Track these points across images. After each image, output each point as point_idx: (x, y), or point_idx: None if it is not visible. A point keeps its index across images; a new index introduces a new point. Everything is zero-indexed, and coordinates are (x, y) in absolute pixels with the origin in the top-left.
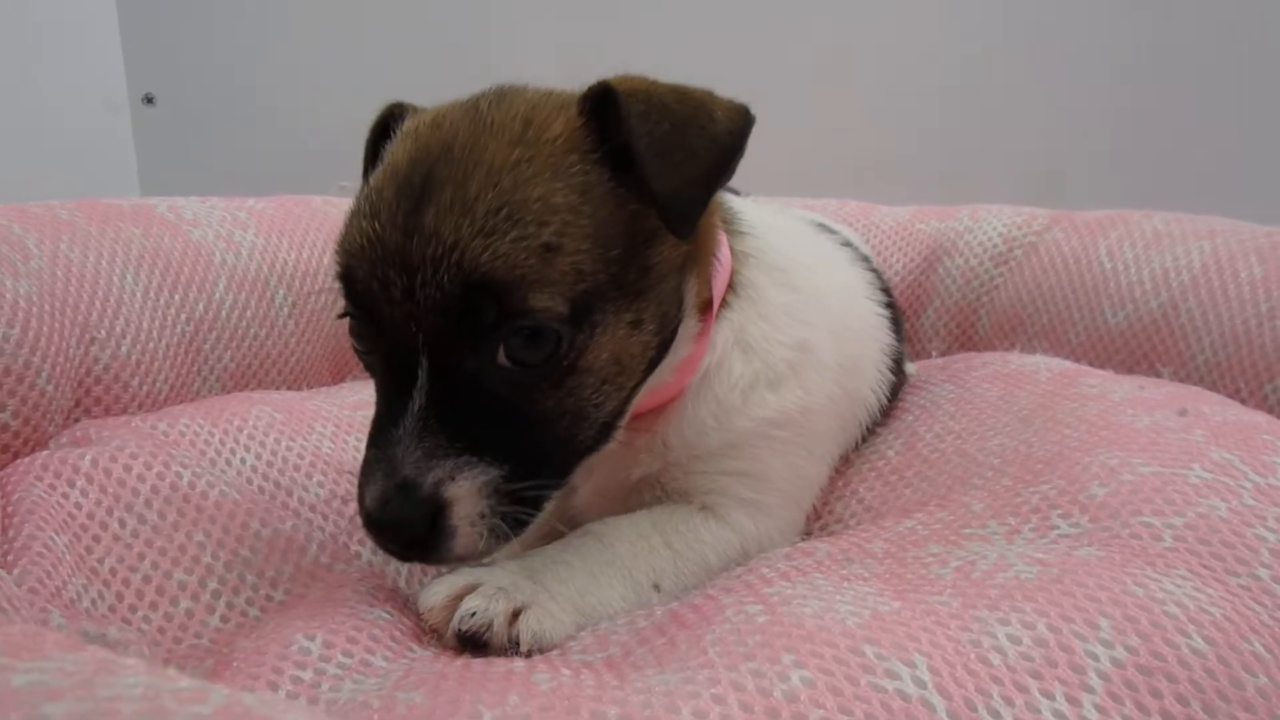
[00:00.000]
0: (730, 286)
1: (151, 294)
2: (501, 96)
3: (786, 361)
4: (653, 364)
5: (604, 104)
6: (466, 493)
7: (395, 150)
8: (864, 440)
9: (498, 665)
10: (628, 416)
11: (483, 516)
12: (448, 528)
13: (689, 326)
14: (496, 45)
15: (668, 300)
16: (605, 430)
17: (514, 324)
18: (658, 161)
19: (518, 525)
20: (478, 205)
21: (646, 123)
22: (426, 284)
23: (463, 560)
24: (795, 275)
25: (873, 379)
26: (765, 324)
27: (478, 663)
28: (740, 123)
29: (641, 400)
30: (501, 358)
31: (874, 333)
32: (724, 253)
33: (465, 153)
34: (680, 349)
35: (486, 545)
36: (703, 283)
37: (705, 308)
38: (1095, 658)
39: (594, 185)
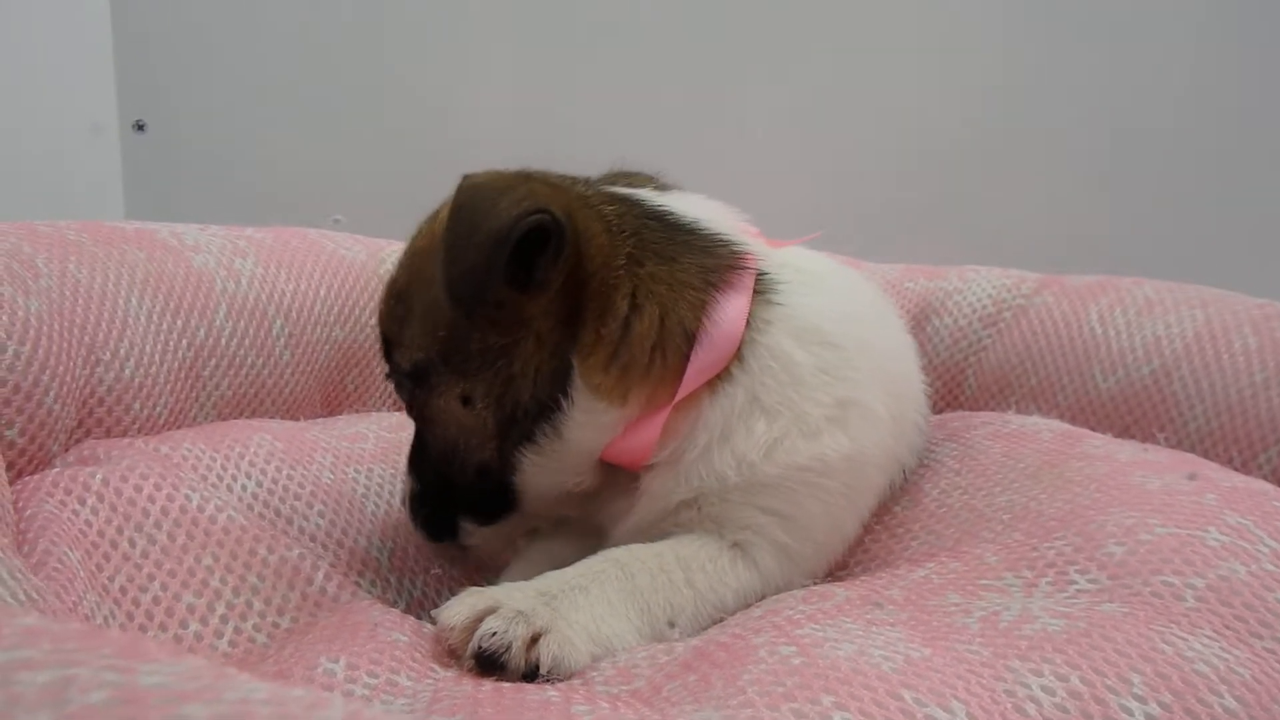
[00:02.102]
0: (738, 358)
1: (155, 318)
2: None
3: (825, 418)
4: (521, 434)
5: None
6: (409, 493)
7: None
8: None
9: (532, 693)
10: (538, 476)
11: (413, 515)
12: (408, 512)
13: (583, 402)
14: (491, 75)
15: (510, 383)
16: (483, 477)
17: (391, 371)
18: (449, 252)
19: (441, 532)
20: (388, 284)
21: (456, 217)
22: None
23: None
24: (835, 333)
25: (911, 440)
26: (790, 388)
27: (510, 689)
28: (509, 222)
29: (613, 455)
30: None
31: (916, 395)
32: (723, 329)
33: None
34: (588, 430)
35: (426, 536)
36: (592, 369)
37: (630, 387)
38: (1130, 713)
39: (435, 277)
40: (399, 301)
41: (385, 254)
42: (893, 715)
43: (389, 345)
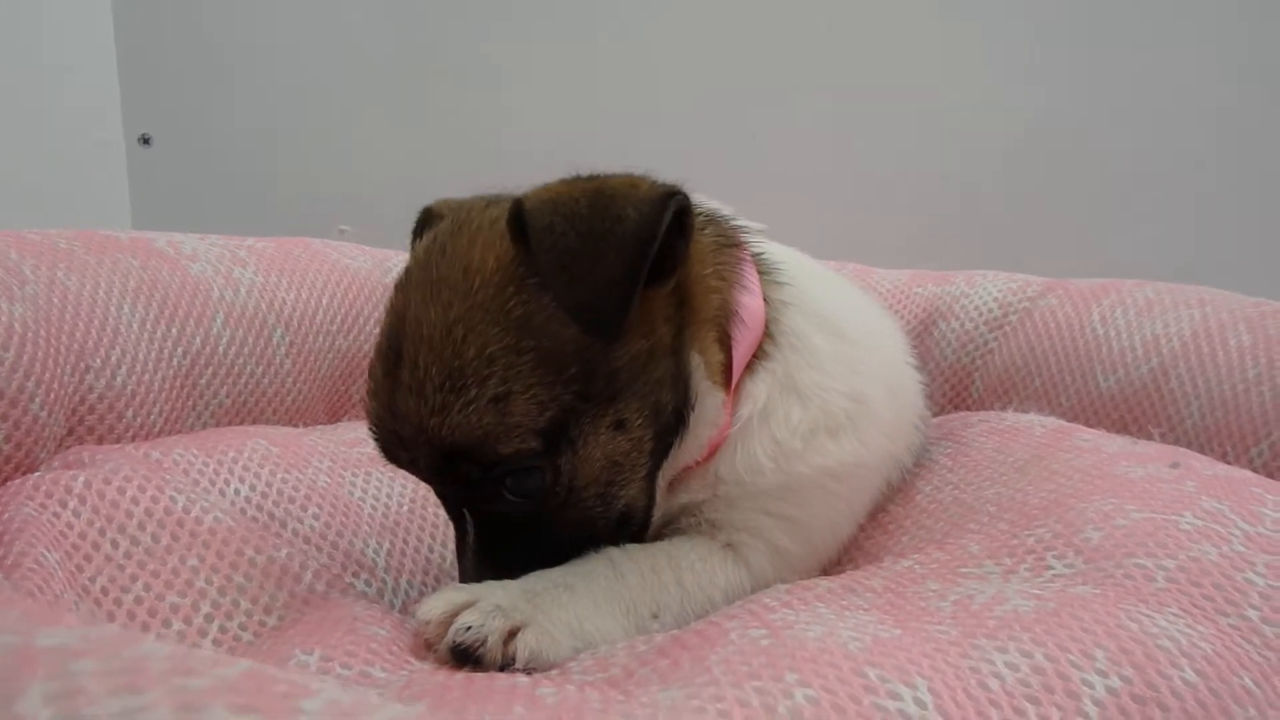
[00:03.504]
0: (768, 335)
1: (148, 326)
2: (456, 233)
3: (844, 411)
4: (663, 448)
5: (524, 223)
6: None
7: (385, 311)
8: None
9: (501, 679)
10: (659, 497)
11: None
12: None
13: (712, 399)
14: (501, 85)
15: (657, 388)
16: (625, 523)
17: (496, 472)
18: (562, 275)
19: None
20: (427, 384)
21: (550, 236)
22: (417, 457)
23: None
24: (842, 324)
25: (908, 440)
26: (817, 372)
27: (480, 676)
28: (651, 214)
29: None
30: (508, 496)
31: (913, 395)
32: (751, 306)
33: (415, 325)
34: (704, 426)
35: None
36: (710, 351)
37: (729, 368)
38: (1090, 685)
39: (533, 314)
40: (479, 385)
41: (391, 264)
42: (855, 691)
43: (487, 445)
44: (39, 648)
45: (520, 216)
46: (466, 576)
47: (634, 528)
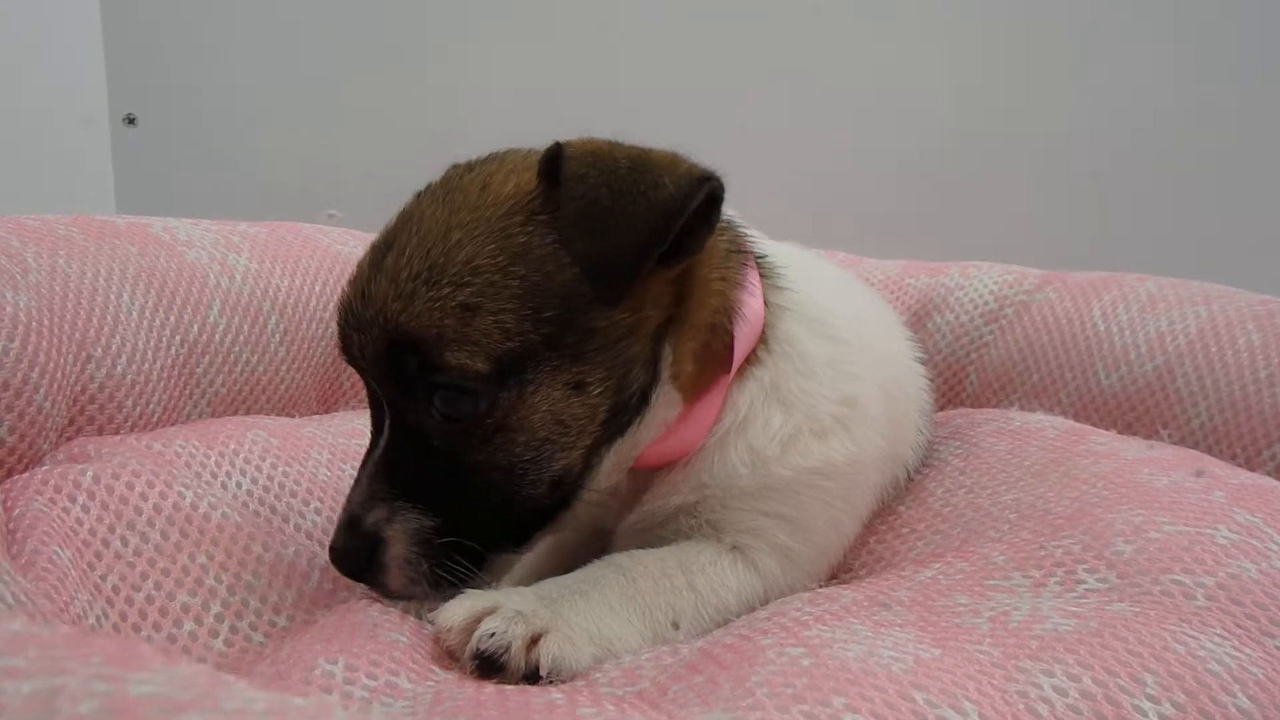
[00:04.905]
0: (762, 341)
1: (147, 314)
2: (491, 159)
3: (833, 416)
4: (617, 427)
5: (558, 166)
6: (398, 535)
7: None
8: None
9: (536, 695)
10: (597, 478)
11: (409, 562)
12: (381, 564)
13: (664, 394)
14: (489, 70)
15: (628, 365)
16: (556, 489)
17: (435, 379)
18: (583, 226)
19: (457, 574)
20: (404, 271)
21: (582, 186)
22: (365, 342)
23: (402, 597)
24: (839, 327)
25: (913, 439)
26: (806, 379)
27: (513, 691)
28: (687, 189)
29: (649, 454)
30: (435, 411)
31: (916, 393)
32: (752, 309)
33: (418, 221)
34: (655, 415)
35: (422, 590)
36: (683, 356)
37: (699, 377)
38: (1144, 713)
39: (533, 247)
40: (454, 287)
41: None
42: (904, 717)
43: (436, 344)
44: (134, 698)
45: (557, 158)
46: (356, 487)
47: (561, 495)
